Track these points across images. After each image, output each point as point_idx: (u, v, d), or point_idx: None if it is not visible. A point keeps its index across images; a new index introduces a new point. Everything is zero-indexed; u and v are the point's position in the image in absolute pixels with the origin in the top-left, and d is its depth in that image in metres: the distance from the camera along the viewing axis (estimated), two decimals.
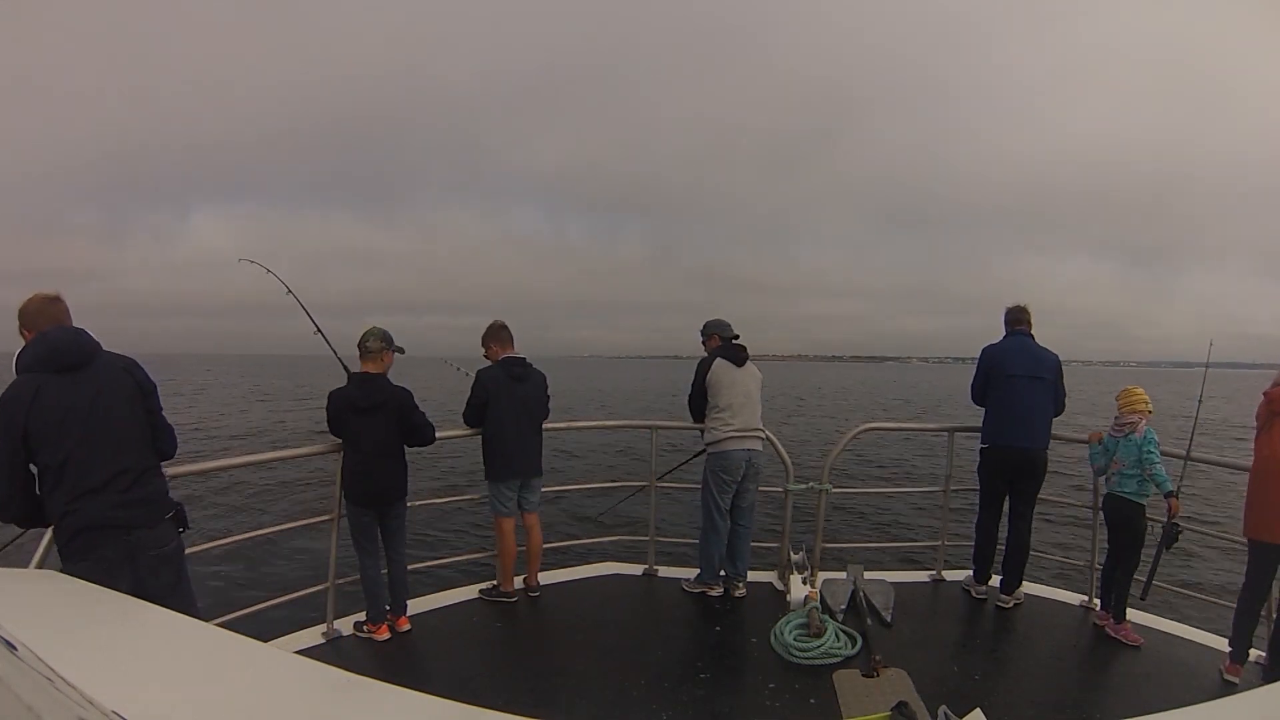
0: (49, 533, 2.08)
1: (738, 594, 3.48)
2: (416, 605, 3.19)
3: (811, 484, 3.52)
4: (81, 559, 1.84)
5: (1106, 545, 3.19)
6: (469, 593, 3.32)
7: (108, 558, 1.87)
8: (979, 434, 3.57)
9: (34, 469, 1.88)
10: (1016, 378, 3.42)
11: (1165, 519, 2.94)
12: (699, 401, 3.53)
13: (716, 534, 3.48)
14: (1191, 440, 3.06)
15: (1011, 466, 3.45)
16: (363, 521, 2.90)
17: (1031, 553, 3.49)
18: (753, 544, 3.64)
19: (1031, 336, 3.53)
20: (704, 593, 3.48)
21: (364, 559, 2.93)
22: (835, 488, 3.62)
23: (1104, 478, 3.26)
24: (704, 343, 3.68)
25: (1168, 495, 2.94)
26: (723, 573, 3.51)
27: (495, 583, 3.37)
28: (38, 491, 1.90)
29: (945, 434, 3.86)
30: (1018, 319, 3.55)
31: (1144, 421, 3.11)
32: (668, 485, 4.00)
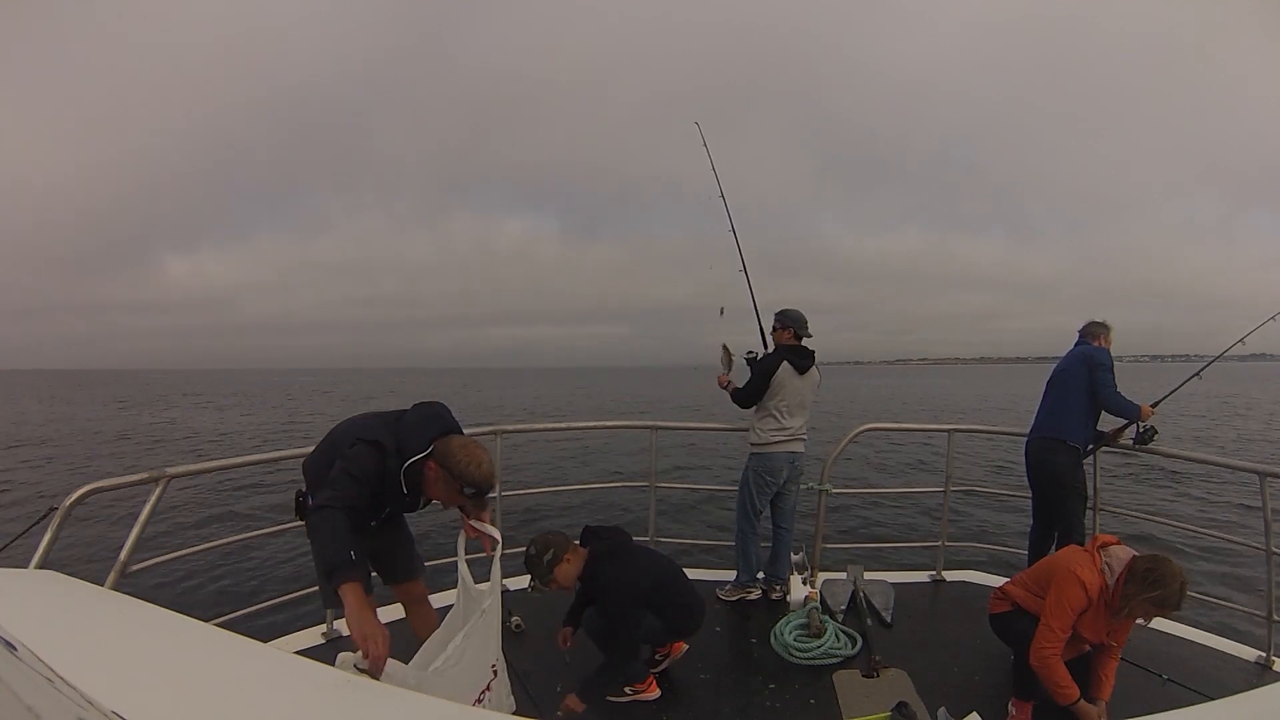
0: (49, 532, 2.08)
1: (775, 596, 3.46)
2: None
3: (811, 484, 3.52)
4: None
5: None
6: None
7: None
8: (980, 435, 3.59)
9: None
10: (1051, 376, 3.58)
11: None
12: (756, 397, 3.43)
13: (755, 535, 3.45)
14: None
15: (1027, 460, 3.54)
16: None
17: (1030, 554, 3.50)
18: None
19: (1089, 343, 3.53)
20: (742, 599, 3.43)
21: None
22: (835, 488, 3.62)
23: None
24: (774, 330, 3.53)
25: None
26: (760, 575, 3.50)
27: None
28: None
29: (945, 434, 3.86)
30: (1084, 331, 3.60)
31: None
32: (668, 485, 4.00)
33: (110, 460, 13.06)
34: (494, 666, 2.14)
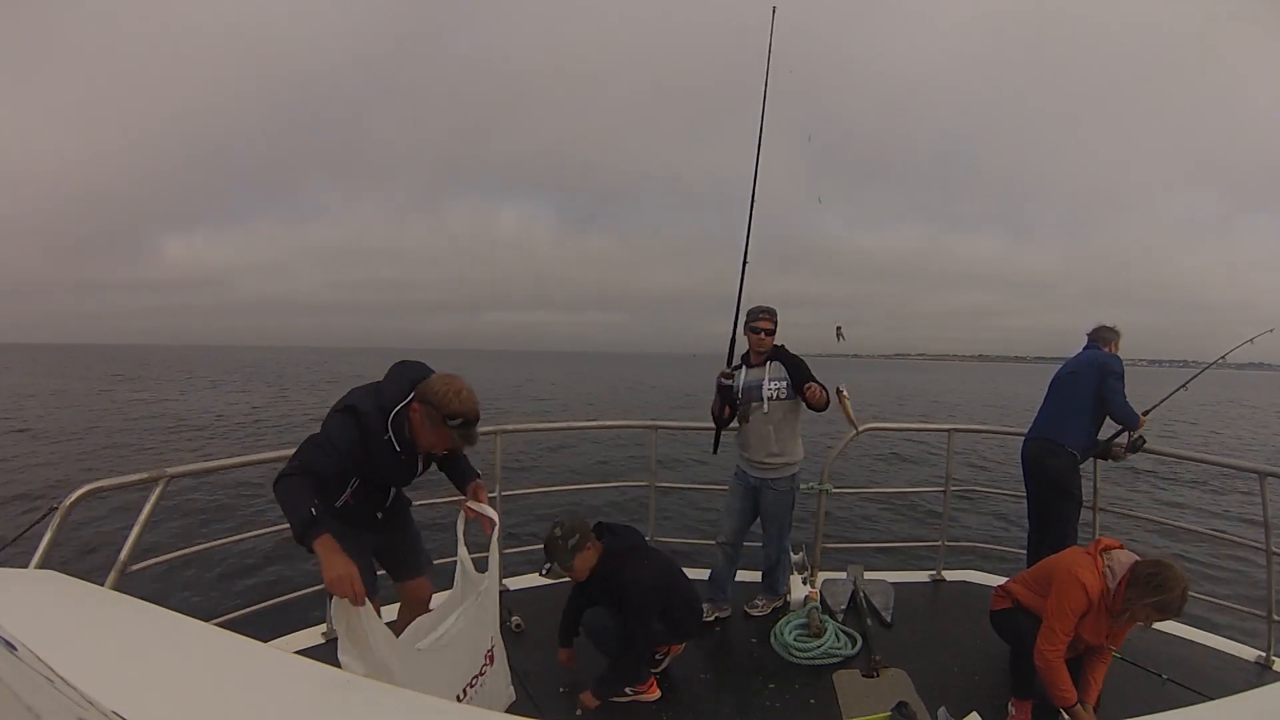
0: (49, 532, 2.08)
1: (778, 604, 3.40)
2: None
3: (811, 484, 3.51)
4: None
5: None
6: None
7: None
8: (980, 434, 3.59)
9: None
10: (1056, 378, 3.55)
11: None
12: None
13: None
14: None
15: (1023, 460, 3.51)
16: None
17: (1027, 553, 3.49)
18: (752, 544, 3.63)
19: (1098, 349, 3.51)
20: (774, 609, 3.34)
21: None
22: (835, 488, 3.62)
23: None
24: (773, 332, 3.15)
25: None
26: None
27: None
28: None
29: (945, 434, 3.86)
30: (1094, 336, 3.57)
31: None
32: (668, 485, 3.99)
33: (107, 451, 13.05)
34: (489, 653, 2.12)
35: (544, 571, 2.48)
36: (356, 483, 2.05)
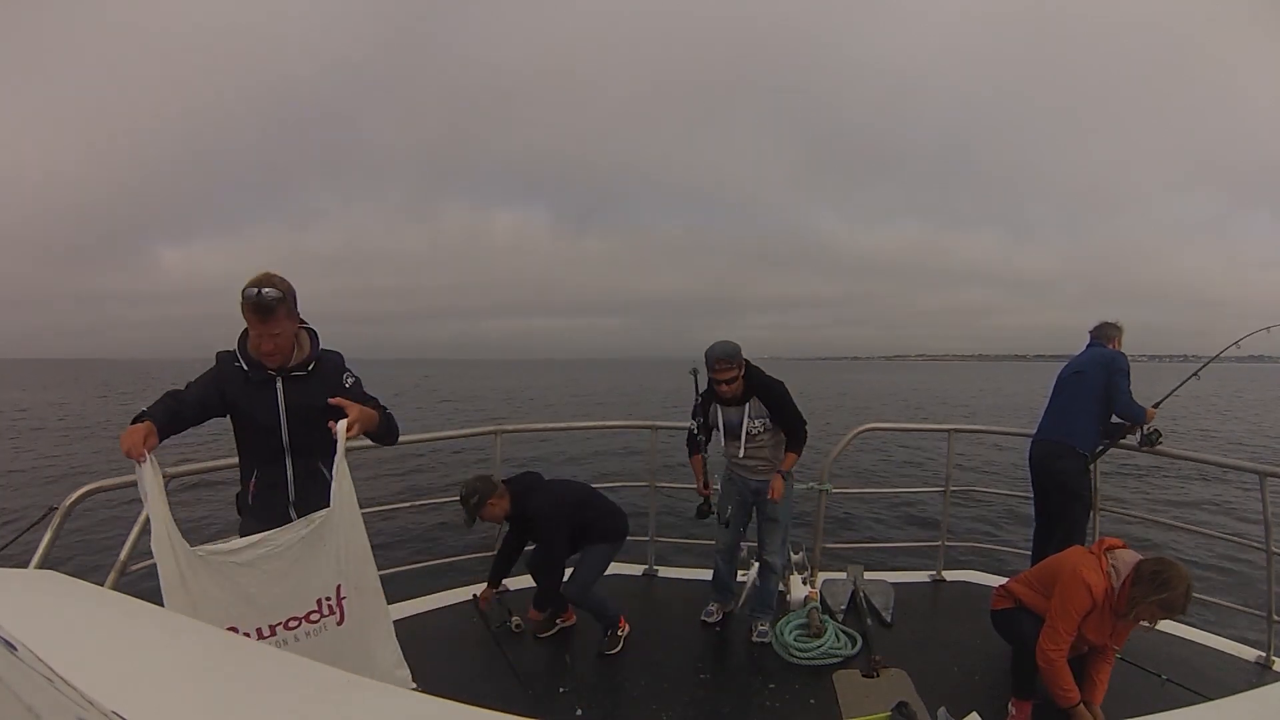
0: (49, 532, 2.09)
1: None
2: (415, 605, 3.20)
3: (811, 484, 3.51)
4: None
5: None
6: (467, 593, 3.32)
7: None
8: (980, 435, 3.58)
9: None
10: (1061, 378, 3.53)
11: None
12: None
13: None
14: None
15: (1031, 462, 3.50)
16: None
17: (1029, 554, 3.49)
18: (753, 544, 3.62)
19: (1102, 346, 3.48)
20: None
21: None
22: (835, 488, 3.62)
23: None
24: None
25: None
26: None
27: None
28: None
29: (945, 434, 3.86)
30: (1096, 333, 3.55)
31: None
32: (668, 485, 3.99)
33: (106, 451, 13.07)
34: (329, 603, 1.88)
35: (465, 522, 2.84)
36: (255, 474, 2.09)
